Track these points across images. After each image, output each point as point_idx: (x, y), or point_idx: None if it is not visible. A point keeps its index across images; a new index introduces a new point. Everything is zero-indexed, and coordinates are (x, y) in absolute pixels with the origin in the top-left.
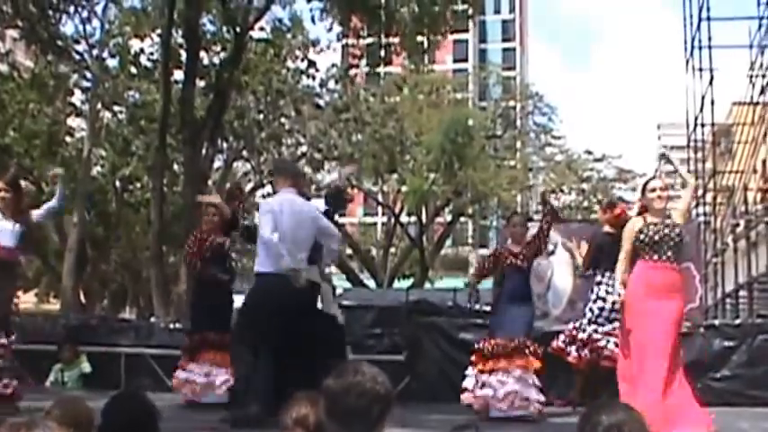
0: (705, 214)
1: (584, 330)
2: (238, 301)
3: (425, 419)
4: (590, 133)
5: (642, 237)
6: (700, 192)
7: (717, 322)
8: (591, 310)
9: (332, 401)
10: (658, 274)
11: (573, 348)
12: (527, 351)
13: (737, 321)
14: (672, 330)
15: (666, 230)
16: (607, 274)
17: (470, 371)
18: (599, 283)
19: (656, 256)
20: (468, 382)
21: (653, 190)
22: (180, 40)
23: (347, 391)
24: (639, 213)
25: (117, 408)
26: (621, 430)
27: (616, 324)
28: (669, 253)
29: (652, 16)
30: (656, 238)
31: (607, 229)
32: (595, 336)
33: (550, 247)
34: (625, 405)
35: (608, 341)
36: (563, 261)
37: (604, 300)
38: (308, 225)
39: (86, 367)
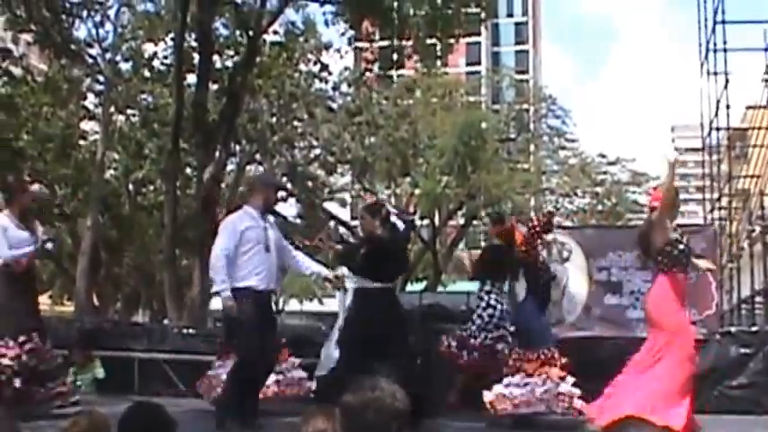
0: (720, 219)
1: (475, 337)
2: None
3: (440, 426)
4: (604, 136)
5: (682, 248)
6: (715, 195)
7: (733, 329)
8: (481, 317)
9: (350, 417)
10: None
11: (465, 353)
12: (555, 363)
13: (754, 328)
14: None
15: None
16: (497, 284)
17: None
18: (489, 292)
19: (687, 269)
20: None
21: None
22: (193, 44)
23: (365, 407)
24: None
25: (134, 418)
26: None
27: (503, 331)
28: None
29: (666, 19)
30: (691, 249)
31: (496, 241)
32: (487, 342)
33: (565, 254)
34: (650, 423)
35: (502, 346)
36: (578, 267)
37: (494, 308)
38: None
39: (100, 372)
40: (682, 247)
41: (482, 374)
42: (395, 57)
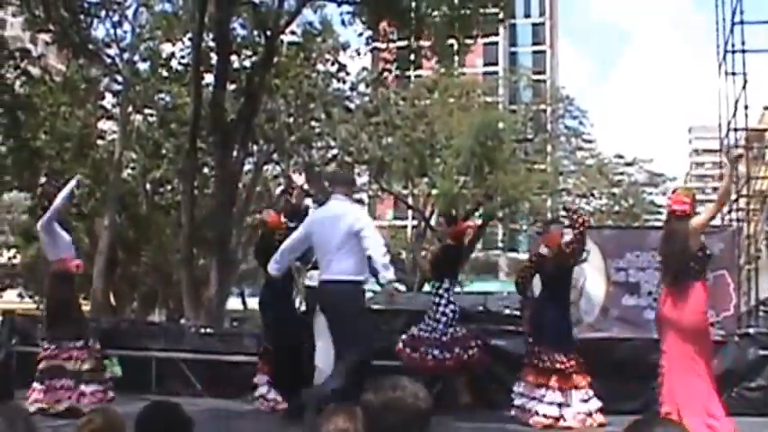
0: (738, 220)
1: (446, 334)
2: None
3: (457, 428)
4: (621, 137)
5: (708, 252)
6: (733, 197)
7: (751, 330)
8: (445, 314)
9: (372, 417)
10: None
11: (437, 352)
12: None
13: None
14: None
15: None
16: (454, 281)
17: (520, 386)
18: (447, 290)
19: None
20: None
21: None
22: (211, 44)
23: (387, 408)
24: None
25: (151, 417)
26: None
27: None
28: None
29: (684, 19)
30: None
31: (449, 242)
32: (456, 335)
33: (583, 255)
34: (677, 423)
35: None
36: (596, 268)
37: (455, 304)
38: None
39: (117, 371)
40: (708, 252)
41: (458, 370)
42: (412, 57)
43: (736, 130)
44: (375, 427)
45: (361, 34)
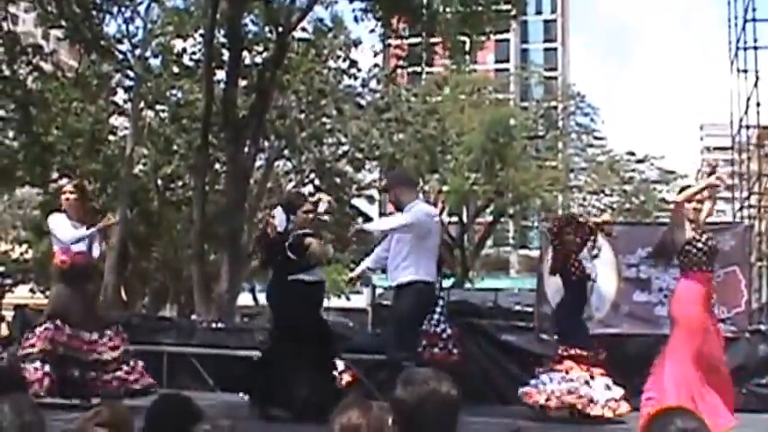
0: (750, 217)
1: (444, 330)
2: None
3: (468, 422)
4: (632, 134)
5: (701, 246)
6: (744, 194)
7: (762, 327)
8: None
9: (408, 413)
10: (711, 287)
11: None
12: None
13: None
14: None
15: (714, 242)
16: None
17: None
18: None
19: (710, 268)
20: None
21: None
22: (222, 40)
23: (424, 402)
24: None
25: (161, 409)
26: None
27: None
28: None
29: (695, 16)
30: (712, 248)
31: None
32: (449, 330)
33: (594, 251)
34: (696, 414)
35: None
36: (607, 264)
37: (444, 299)
38: None
39: None
40: (700, 245)
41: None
42: (424, 54)
43: (747, 127)
44: (412, 423)
45: (372, 30)
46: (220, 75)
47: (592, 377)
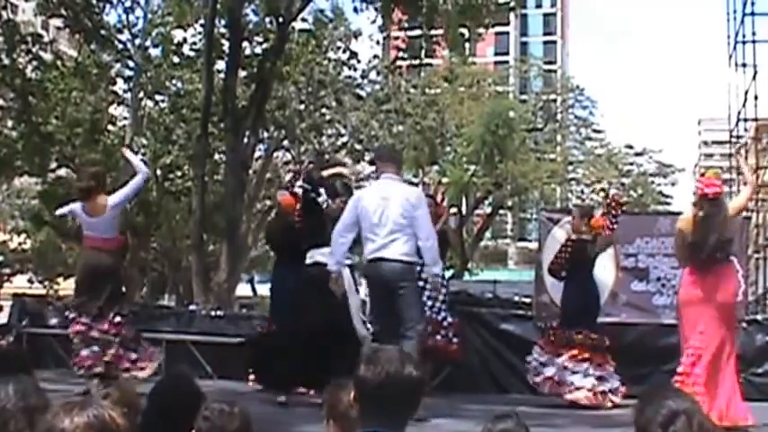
0: (747, 210)
1: (445, 318)
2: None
3: (466, 409)
4: (631, 127)
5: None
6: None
7: (759, 317)
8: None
9: (369, 392)
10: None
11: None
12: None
13: None
14: None
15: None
16: None
17: (540, 354)
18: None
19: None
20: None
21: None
22: (223, 30)
23: (386, 381)
24: None
25: (164, 390)
26: (690, 417)
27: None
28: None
29: (694, 10)
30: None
31: None
32: (450, 319)
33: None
34: (689, 395)
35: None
36: (605, 253)
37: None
38: None
39: None
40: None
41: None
42: (424, 45)
43: (745, 120)
44: (373, 402)
45: (373, 21)
46: (220, 65)
47: (599, 364)
